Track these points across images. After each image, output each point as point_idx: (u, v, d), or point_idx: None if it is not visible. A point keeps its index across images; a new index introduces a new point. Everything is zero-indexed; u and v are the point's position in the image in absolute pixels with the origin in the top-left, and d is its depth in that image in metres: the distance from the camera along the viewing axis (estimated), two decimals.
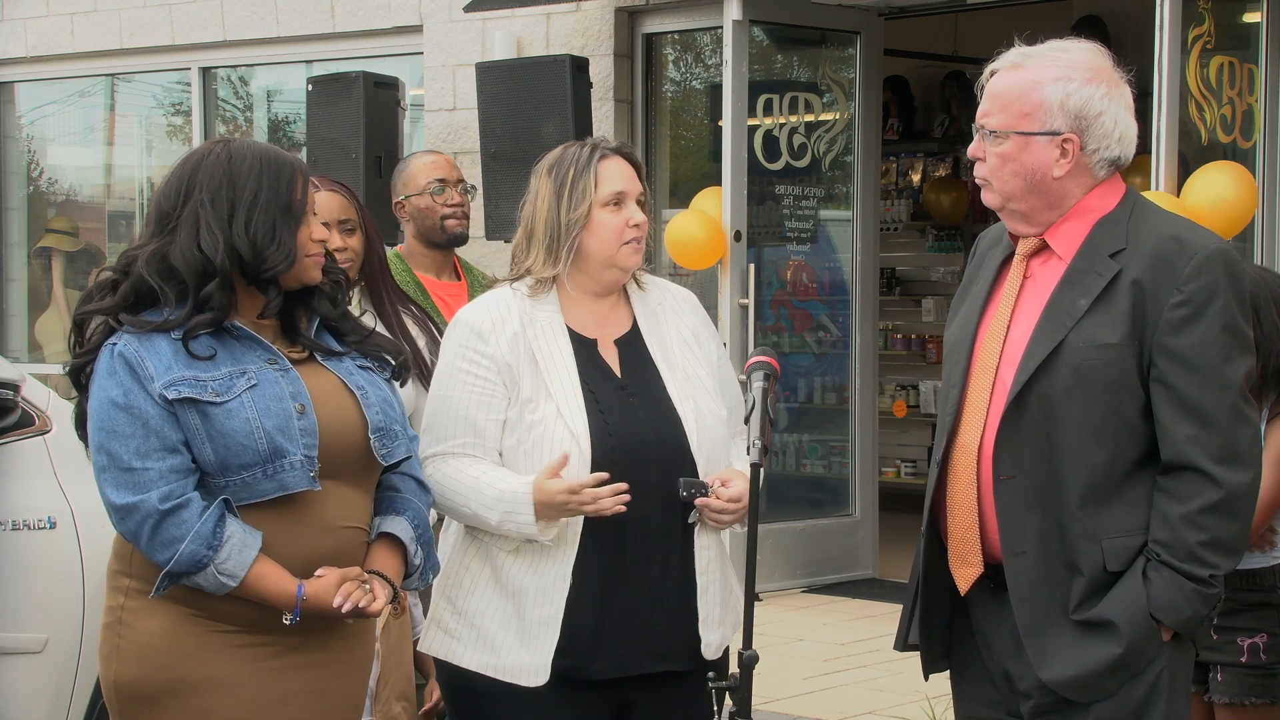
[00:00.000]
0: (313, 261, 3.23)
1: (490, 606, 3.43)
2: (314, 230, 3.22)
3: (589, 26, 8.93)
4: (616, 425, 3.43)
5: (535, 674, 3.38)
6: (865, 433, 8.87)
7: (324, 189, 4.33)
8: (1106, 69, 3.21)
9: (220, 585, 3.07)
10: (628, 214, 3.50)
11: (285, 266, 3.16)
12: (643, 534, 3.41)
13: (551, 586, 3.38)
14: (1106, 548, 3.12)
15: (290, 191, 3.17)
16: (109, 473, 3.08)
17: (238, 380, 3.11)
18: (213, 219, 3.12)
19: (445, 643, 3.49)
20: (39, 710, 4.56)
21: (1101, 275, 3.14)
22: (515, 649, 3.39)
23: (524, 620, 3.39)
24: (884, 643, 7.08)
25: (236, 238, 3.12)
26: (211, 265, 3.11)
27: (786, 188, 8.71)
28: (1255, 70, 7.28)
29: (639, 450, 3.43)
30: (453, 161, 5.11)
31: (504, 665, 3.40)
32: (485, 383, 3.44)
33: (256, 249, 3.13)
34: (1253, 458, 3.13)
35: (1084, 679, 3.12)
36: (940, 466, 3.27)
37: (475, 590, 3.46)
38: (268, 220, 3.14)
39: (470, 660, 3.44)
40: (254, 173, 3.15)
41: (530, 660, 3.38)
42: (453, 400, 3.46)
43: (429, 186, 4.87)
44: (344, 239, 4.29)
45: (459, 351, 3.48)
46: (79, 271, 11.46)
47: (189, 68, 10.74)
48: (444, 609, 3.50)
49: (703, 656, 3.47)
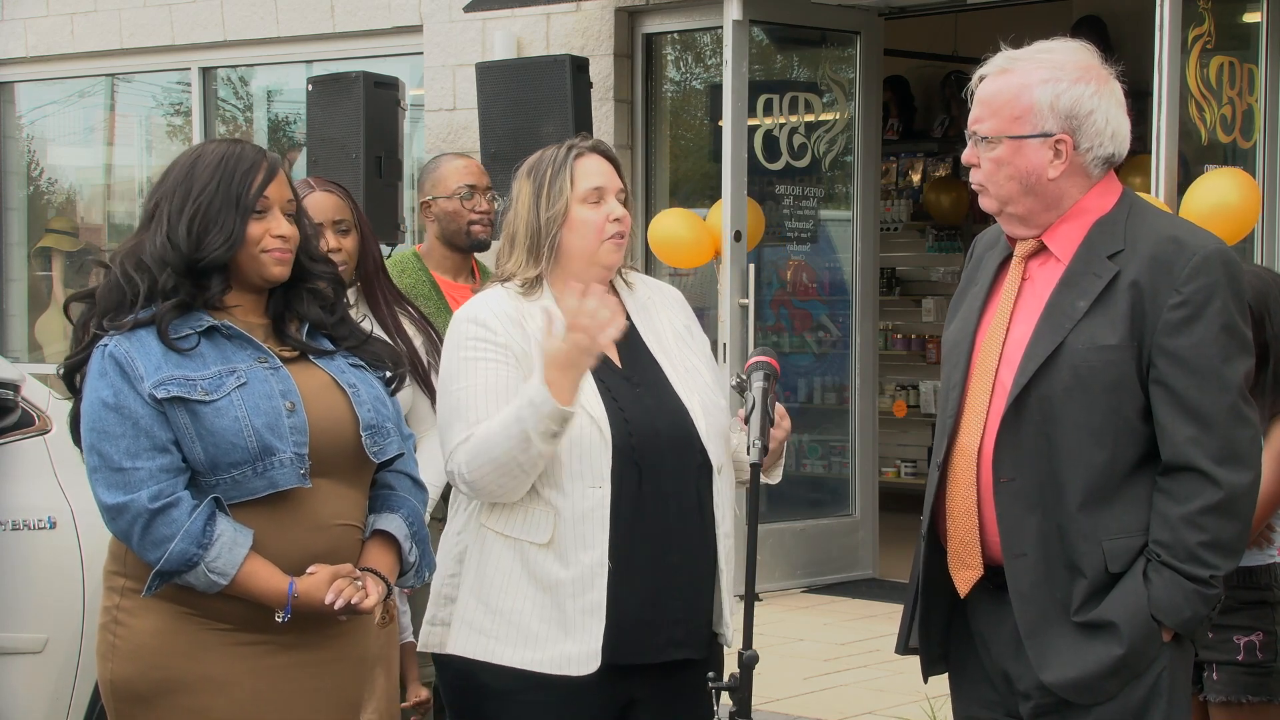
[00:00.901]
0: (271, 257, 3.22)
1: (527, 601, 3.40)
2: (276, 227, 3.22)
3: (589, 26, 8.93)
4: (631, 413, 3.44)
5: (585, 662, 3.36)
6: (865, 433, 8.88)
7: (319, 189, 4.33)
8: (1095, 66, 3.21)
9: (211, 584, 3.07)
10: (607, 209, 3.50)
11: (222, 253, 3.16)
12: (661, 522, 3.42)
13: (590, 574, 3.36)
14: (1107, 549, 3.12)
15: (245, 183, 3.18)
16: (100, 473, 3.10)
17: (227, 379, 3.12)
18: (172, 210, 3.16)
19: (482, 643, 3.44)
20: (39, 710, 4.56)
21: (1100, 277, 3.14)
22: (560, 640, 3.37)
23: (564, 611, 3.37)
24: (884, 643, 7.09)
25: (182, 224, 3.15)
26: (169, 253, 3.14)
27: (786, 188, 8.71)
28: (1255, 70, 7.28)
29: (652, 438, 3.43)
30: (483, 168, 5.11)
31: (548, 658, 3.37)
32: (501, 364, 3.43)
33: (192, 234, 3.14)
34: (1252, 458, 3.13)
35: (1085, 681, 3.12)
36: (940, 469, 3.28)
37: (508, 587, 3.42)
38: (213, 209, 3.16)
39: (510, 657, 3.40)
40: (212, 166, 3.19)
41: (578, 649, 3.36)
42: (474, 386, 3.43)
43: (459, 191, 4.86)
44: (338, 239, 4.29)
45: (467, 344, 3.46)
46: (79, 271, 11.46)
47: (189, 68, 10.74)
48: (475, 609, 3.45)
49: (719, 645, 3.49)
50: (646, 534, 3.41)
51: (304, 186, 4.34)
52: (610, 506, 3.37)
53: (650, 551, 3.41)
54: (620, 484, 3.39)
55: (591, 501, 3.38)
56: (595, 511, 3.38)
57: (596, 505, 3.38)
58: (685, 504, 3.45)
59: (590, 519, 3.38)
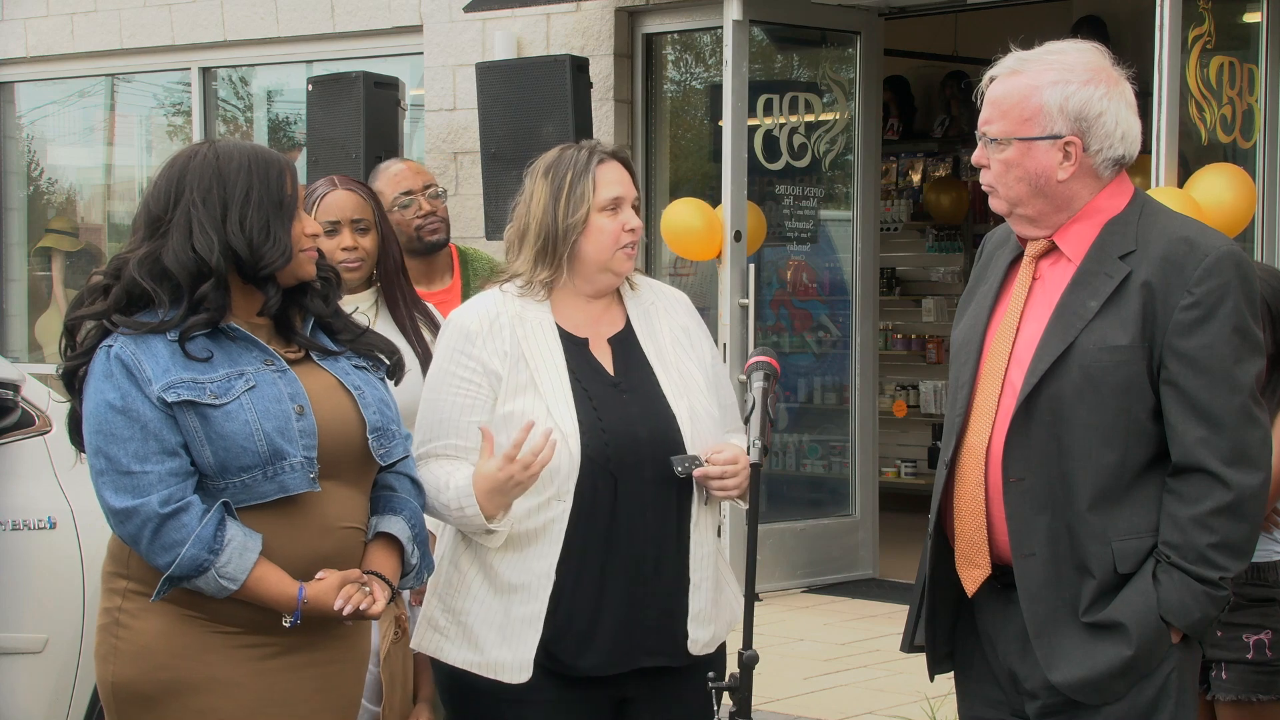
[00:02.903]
0: (307, 257, 3.22)
1: (479, 604, 3.44)
2: (306, 225, 3.22)
3: (589, 26, 8.93)
4: (610, 421, 3.44)
5: (518, 671, 3.39)
6: (865, 433, 8.87)
7: (341, 187, 4.32)
8: (1105, 68, 3.21)
9: (221, 589, 3.06)
10: (624, 219, 3.51)
11: (282, 262, 3.16)
12: (636, 529, 3.42)
13: (536, 584, 3.39)
14: (1117, 550, 3.11)
15: (280, 187, 3.17)
16: (107, 476, 3.07)
17: (236, 382, 3.11)
18: (205, 219, 3.11)
19: (434, 640, 3.51)
20: (39, 710, 4.56)
21: (1111, 277, 3.14)
22: (498, 646, 3.41)
23: (508, 618, 3.40)
24: (884, 643, 7.09)
25: (232, 236, 3.11)
26: (206, 265, 3.10)
27: (786, 188, 8.71)
28: (1255, 70, 7.27)
29: (633, 446, 3.43)
30: (418, 167, 5.06)
31: (487, 662, 3.42)
32: (470, 385, 3.46)
33: (253, 246, 3.12)
34: (1263, 459, 3.12)
35: (1094, 681, 3.12)
36: (948, 468, 3.27)
37: (464, 589, 3.47)
38: (261, 217, 3.14)
39: (456, 657, 3.46)
40: (243, 170, 3.15)
41: (511, 657, 3.39)
42: (438, 403, 3.49)
43: (398, 201, 4.83)
44: (355, 238, 4.27)
45: (447, 354, 3.51)
46: (79, 271, 11.46)
47: (189, 68, 10.74)
48: (435, 607, 3.52)
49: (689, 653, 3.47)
50: (617, 543, 3.41)
51: (327, 184, 4.34)
52: (569, 520, 3.38)
53: (622, 560, 3.41)
54: (591, 495, 3.40)
55: (551, 514, 3.40)
56: (553, 524, 3.39)
57: (555, 518, 3.39)
58: (664, 512, 3.45)
59: (547, 532, 3.39)
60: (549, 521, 3.39)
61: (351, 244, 4.24)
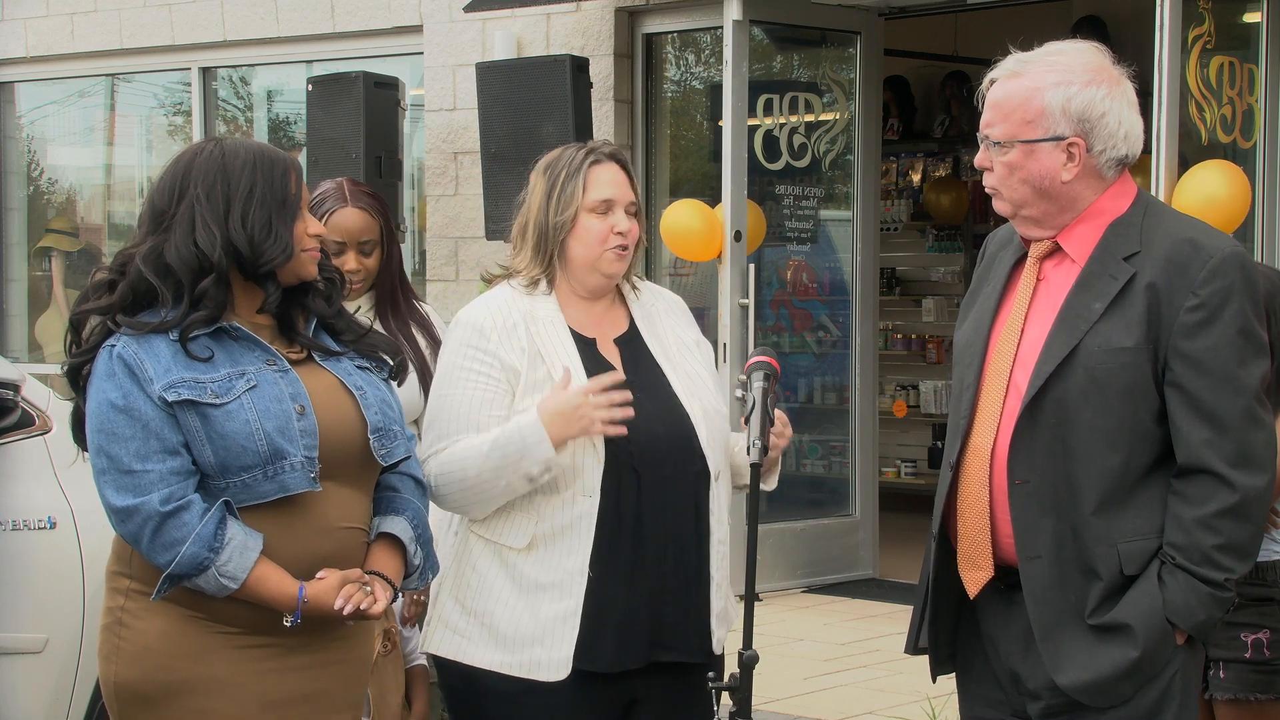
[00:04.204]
0: (309, 256, 3.23)
1: (504, 606, 3.42)
2: (310, 226, 3.23)
3: (589, 26, 8.93)
4: (632, 418, 3.44)
5: (556, 669, 3.38)
6: (865, 433, 8.87)
7: (352, 204, 4.26)
8: (1106, 68, 3.20)
9: (221, 587, 3.06)
10: (613, 221, 3.51)
11: (283, 260, 3.16)
12: (656, 527, 3.43)
13: (569, 581, 3.38)
14: (1122, 552, 3.11)
15: (285, 186, 3.18)
16: (109, 475, 3.07)
17: (237, 382, 3.11)
18: (208, 214, 3.12)
19: (454, 642, 3.48)
20: (39, 710, 4.56)
21: (1116, 278, 3.13)
22: (532, 646, 3.39)
23: (539, 616, 3.39)
24: (884, 643, 7.09)
25: (234, 233, 3.12)
26: (208, 261, 3.10)
27: (786, 188, 8.70)
28: (1255, 70, 7.27)
29: (652, 443, 3.44)
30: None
31: (520, 662, 3.40)
32: (488, 379, 3.45)
33: (254, 243, 3.13)
34: (1268, 461, 3.12)
35: (1100, 683, 3.12)
36: (952, 469, 3.27)
37: (486, 590, 3.45)
38: (264, 214, 3.14)
39: (482, 659, 3.43)
40: (248, 168, 3.15)
41: (549, 656, 3.38)
42: (455, 399, 3.46)
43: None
44: (359, 260, 4.25)
45: (461, 350, 3.49)
46: (79, 271, 11.45)
47: (189, 68, 10.74)
48: (451, 609, 3.50)
49: (712, 650, 3.48)
50: (643, 539, 3.42)
51: (337, 196, 4.29)
52: (597, 515, 3.38)
53: (646, 556, 3.42)
54: (617, 491, 3.41)
55: (579, 510, 3.40)
56: (581, 521, 3.39)
57: (583, 514, 3.39)
58: (683, 509, 3.46)
59: (575, 528, 3.39)
60: (577, 518, 3.39)
61: (355, 266, 4.24)
